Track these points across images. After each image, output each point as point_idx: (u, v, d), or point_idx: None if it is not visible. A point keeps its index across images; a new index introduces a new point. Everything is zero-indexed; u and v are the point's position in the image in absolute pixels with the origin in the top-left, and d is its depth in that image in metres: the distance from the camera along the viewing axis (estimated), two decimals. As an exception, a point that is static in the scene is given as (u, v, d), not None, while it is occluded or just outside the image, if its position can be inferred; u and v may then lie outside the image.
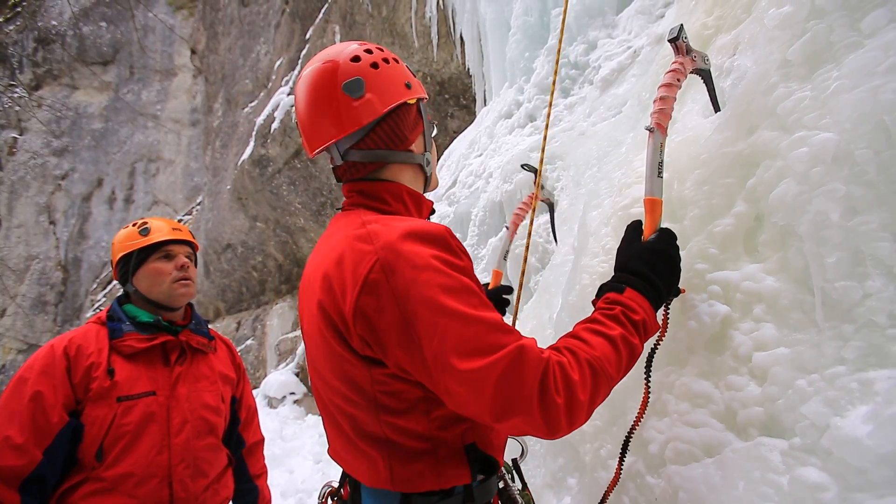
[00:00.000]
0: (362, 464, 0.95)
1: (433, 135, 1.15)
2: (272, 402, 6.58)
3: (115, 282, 16.89)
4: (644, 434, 1.21)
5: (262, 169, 8.13)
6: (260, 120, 8.02)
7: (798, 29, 1.11)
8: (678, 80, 1.23)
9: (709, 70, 1.35)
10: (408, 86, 1.02)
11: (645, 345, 0.99)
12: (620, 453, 1.11)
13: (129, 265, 1.63)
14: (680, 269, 1.08)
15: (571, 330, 0.97)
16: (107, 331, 1.52)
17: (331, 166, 1.08)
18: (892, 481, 0.69)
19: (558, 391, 0.78)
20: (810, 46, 1.08)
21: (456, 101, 6.13)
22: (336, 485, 1.16)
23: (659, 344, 1.12)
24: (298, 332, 7.41)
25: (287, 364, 7.10)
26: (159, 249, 1.62)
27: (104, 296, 17.12)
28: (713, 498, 0.95)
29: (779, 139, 1.08)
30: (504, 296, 1.67)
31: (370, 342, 0.84)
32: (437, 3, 5.42)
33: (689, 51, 1.26)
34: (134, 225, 1.69)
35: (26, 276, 19.69)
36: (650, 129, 1.18)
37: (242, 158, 8.48)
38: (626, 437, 1.11)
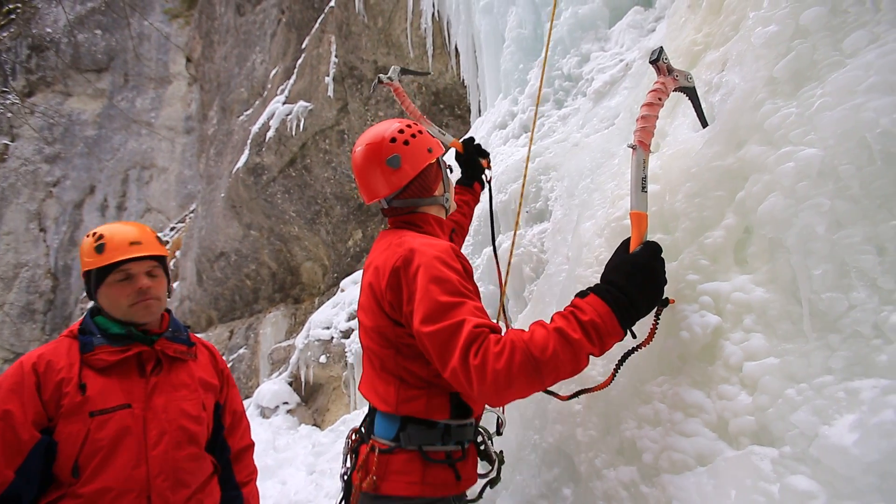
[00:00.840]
0: (382, 391, 1.35)
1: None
2: (265, 412, 6.52)
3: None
4: (638, 444, 1.22)
5: (257, 177, 8.13)
6: (255, 128, 8.03)
7: (783, 48, 1.15)
8: (660, 99, 1.27)
9: (693, 88, 1.39)
10: (429, 150, 1.45)
11: (625, 345, 1.18)
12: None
13: (90, 281, 1.57)
14: (661, 280, 1.14)
15: None
16: (78, 344, 1.48)
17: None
18: (878, 488, 0.71)
19: (476, 355, 1.07)
20: (795, 65, 1.11)
21: (451, 111, 6.19)
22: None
23: (640, 348, 1.19)
24: (292, 341, 7.36)
25: (280, 373, 7.05)
26: (116, 270, 1.53)
27: (94, 304, 16.96)
28: (706, 507, 0.96)
29: (766, 154, 1.11)
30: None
31: (395, 307, 1.27)
32: (433, 14, 5.49)
33: (670, 71, 1.31)
34: (93, 235, 1.58)
35: (14, 283, 19.44)
36: (633, 147, 1.23)
37: (237, 166, 8.48)
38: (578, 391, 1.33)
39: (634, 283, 1.09)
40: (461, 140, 2.14)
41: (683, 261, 1.28)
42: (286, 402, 6.54)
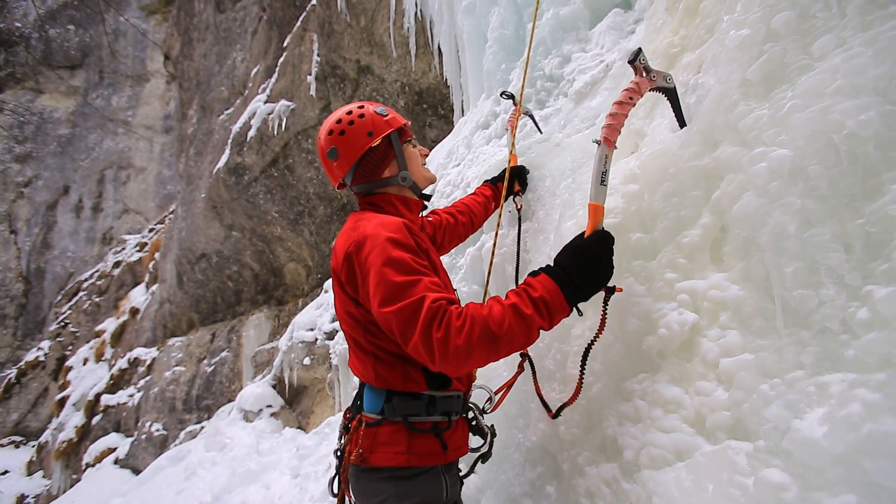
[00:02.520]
0: (361, 368, 1.42)
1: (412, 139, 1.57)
2: (248, 416, 6.42)
3: (80, 293, 16.23)
4: (619, 440, 1.24)
5: (239, 177, 7.99)
6: (236, 127, 7.90)
7: (756, 50, 1.18)
8: (631, 98, 1.31)
9: (673, 88, 1.41)
10: (370, 134, 1.44)
11: (585, 340, 1.30)
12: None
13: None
14: (605, 265, 1.21)
15: None
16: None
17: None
18: (846, 479, 0.73)
19: (438, 328, 1.11)
20: (767, 67, 1.14)
21: (434, 111, 6.18)
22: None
23: (595, 340, 1.30)
24: (275, 343, 7.26)
25: (264, 376, 6.95)
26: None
27: (69, 308, 16.44)
28: (685, 501, 0.98)
29: (740, 154, 1.14)
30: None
31: (354, 289, 1.31)
32: (416, 14, 5.47)
33: (647, 71, 1.34)
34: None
35: (-16, 288, 18.79)
36: (597, 142, 1.28)
37: (218, 166, 8.33)
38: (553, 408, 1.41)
39: (578, 265, 1.18)
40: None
41: (662, 259, 1.30)
42: (270, 406, 6.46)
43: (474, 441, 1.54)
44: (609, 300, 1.26)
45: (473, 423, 1.50)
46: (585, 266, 1.18)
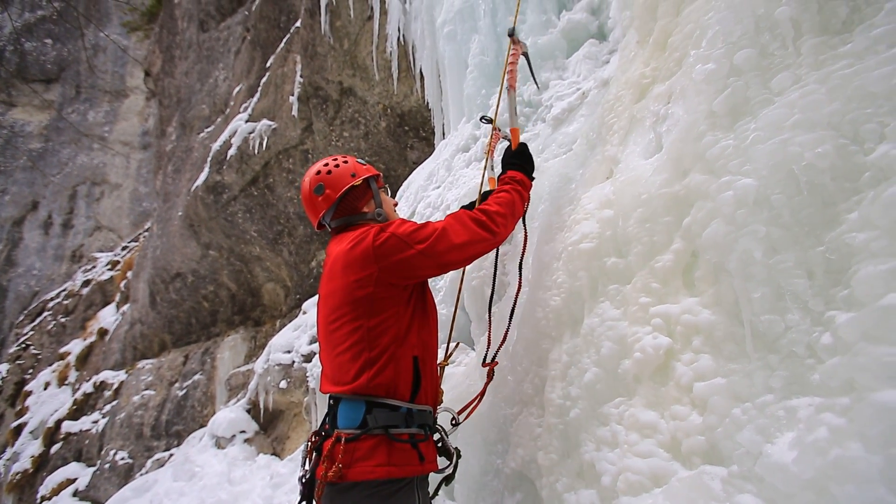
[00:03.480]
0: (346, 375, 1.46)
1: (383, 187, 1.81)
2: (220, 443, 6.16)
3: (45, 313, 15.51)
4: (597, 466, 1.23)
5: (217, 195, 7.87)
6: (216, 146, 7.82)
7: (721, 84, 1.24)
8: (515, 57, 2.10)
9: (527, 53, 2.23)
10: (353, 175, 1.68)
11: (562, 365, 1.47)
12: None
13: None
14: (530, 156, 1.92)
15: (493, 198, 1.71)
16: None
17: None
18: (815, 505, 0.74)
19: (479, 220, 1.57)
20: (731, 100, 1.20)
21: (416, 133, 6.25)
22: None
23: (523, 255, 1.90)
24: (251, 366, 7.05)
25: (238, 400, 6.71)
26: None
27: (32, 329, 15.71)
28: (661, 528, 0.97)
29: (708, 182, 1.18)
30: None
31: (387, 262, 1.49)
32: (398, 38, 5.58)
33: (517, 42, 2.10)
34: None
35: (-59, 307, 17.85)
36: (508, 88, 2.09)
37: (196, 184, 8.19)
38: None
39: (522, 160, 1.87)
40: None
41: (636, 284, 1.33)
42: (244, 431, 6.22)
43: (440, 462, 1.55)
44: (530, 188, 1.87)
45: (440, 444, 1.56)
46: (525, 160, 1.88)
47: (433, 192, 3.36)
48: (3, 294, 18.11)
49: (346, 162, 1.71)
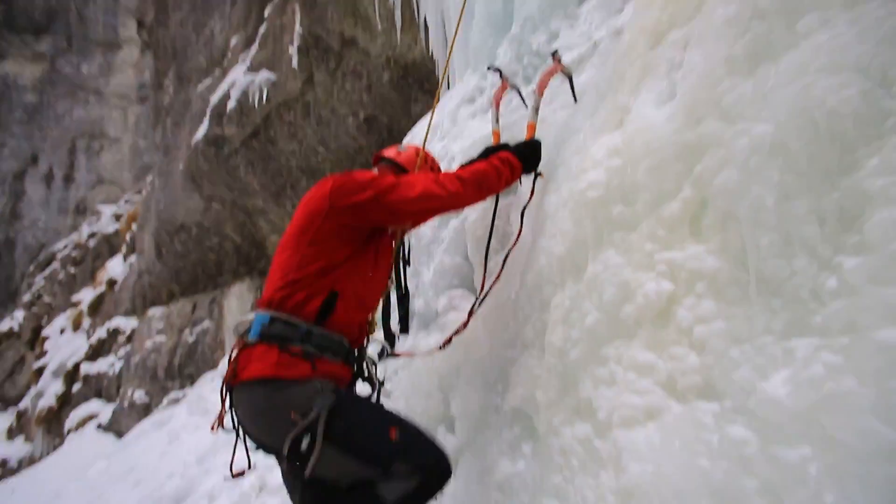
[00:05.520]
0: (266, 297, 1.61)
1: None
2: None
3: (54, 264, 15.73)
4: (594, 402, 1.29)
5: (218, 149, 7.77)
6: (215, 98, 7.63)
7: (742, 28, 1.19)
8: (553, 73, 2.27)
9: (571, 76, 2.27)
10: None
11: (564, 309, 1.53)
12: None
13: None
14: (538, 153, 1.99)
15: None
16: None
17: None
18: (804, 434, 0.78)
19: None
20: (753, 44, 1.16)
21: (420, 86, 6.08)
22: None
23: (527, 203, 2.04)
24: (257, 318, 7.18)
25: (245, 350, 6.91)
26: None
27: (43, 278, 15.97)
28: (653, 457, 1.03)
29: (723, 130, 1.16)
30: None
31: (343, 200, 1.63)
32: (403, -16, 5.31)
33: (560, 61, 2.25)
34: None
35: (-50, 259, 18.09)
36: (537, 92, 2.23)
37: (196, 138, 8.06)
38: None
39: (526, 149, 1.95)
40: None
41: (642, 231, 1.33)
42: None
43: (365, 389, 1.74)
44: (536, 179, 2.00)
45: (366, 375, 1.71)
46: (531, 151, 1.95)
47: (438, 143, 3.31)
48: (12, 246, 18.30)
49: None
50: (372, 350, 1.84)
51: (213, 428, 1.64)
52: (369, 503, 1.43)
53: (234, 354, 1.56)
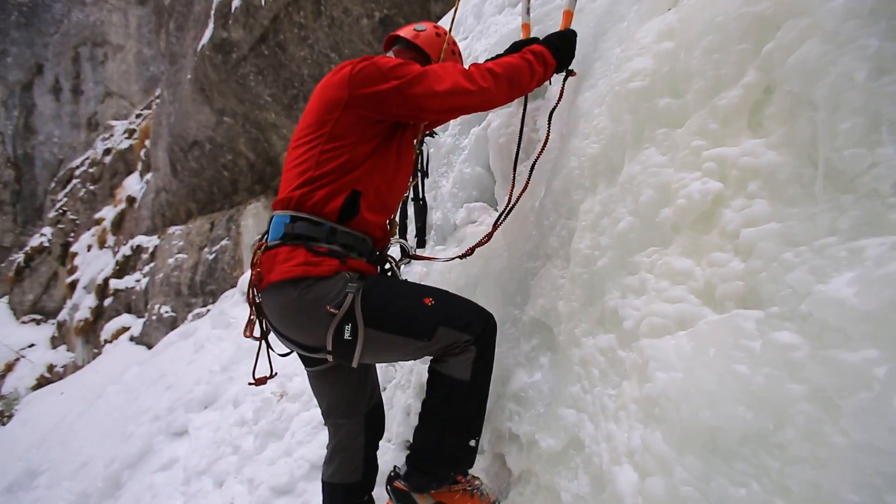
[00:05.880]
0: (285, 196, 1.51)
1: None
2: (251, 301, 6.66)
3: (74, 181, 15.92)
4: (620, 312, 1.22)
5: (226, 55, 7.34)
6: (217, -3, 7.06)
7: None
8: None
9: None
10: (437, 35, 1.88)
11: (594, 215, 1.41)
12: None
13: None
14: (573, 46, 1.79)
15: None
16: None
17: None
18: (871, 335, 0.69)
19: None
20: None
21: (441, -20, 5.47)
22: None
23: (556, 105, 1.83)
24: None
25: (264, 265, 7.08)
26: None
27: (65, 195, 16.28)
28: (683, 365, 0.97)
29: (809, -7, 0.95)
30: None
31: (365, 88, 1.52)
32: None
33: None
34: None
35: (-26, 173, 18.40)
36: None
37: (202, 43, 7.60)
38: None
39: (560, 41, 1.74)
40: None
41: (690, 126, 1.17)
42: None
43: None
44: (567, 78, 1.82)
45: (389, 272, 1.68)
46: (564, 43, 1.74)
47: (461, 42, 3.01)
48: (31, 161, 18.45)
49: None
50: (393, 252, 1.80)
51: (246, 333, 1.63)
52: (445, 389, 1.44)
53: (256, 258, 1.50)
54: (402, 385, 2.37)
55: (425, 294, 1.48)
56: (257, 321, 1.60)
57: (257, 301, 1.53)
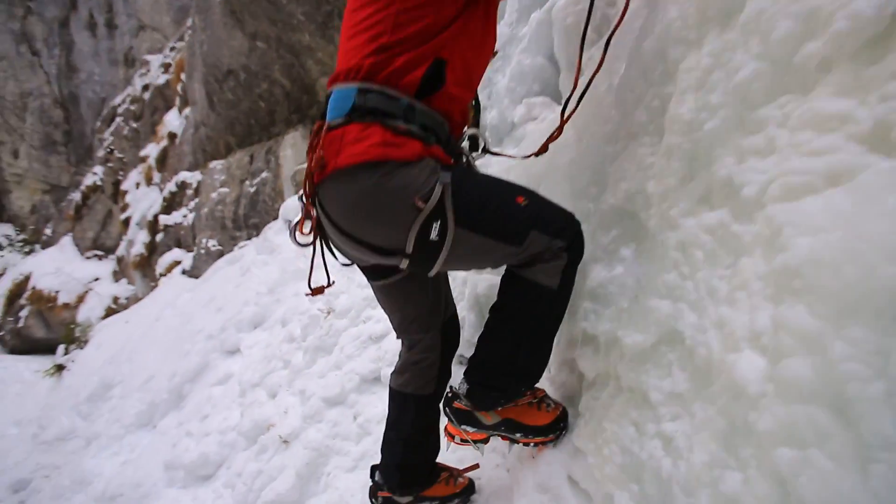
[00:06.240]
0: (353, 60, 1.27)
1: None
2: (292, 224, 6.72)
3: (117, 119, 16.26)
4: (736, 179, 1.01)
5: (253, -27, 6.94)
6: None
7: None
8: None
9: None
10: None
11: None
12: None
13: None
14: None
15: None
16: None
17: None
18: None
19: None
20: None
21: None
22: None
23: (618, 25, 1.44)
24: (312, 165, 7.14)
25: (303, 195, 7.06)
26: None
27: (111, 134, 16.72)
28: (839, 224, 0.77)
29: None
30: None
31: None
32: None
33: None
34: None
35: (26, 114, 19.09)
36: None
37: (228, -39, 7.19)
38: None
39: None
40: None
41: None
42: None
43: None
44: None
45: (465, 164, 1.45)
46: None
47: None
48: (76, 101, 18.91)
49: None
50: (464, 146, 1.56)
51: (301, 230, 1.42)
52: (529, 297, 1.27)
53: (316, 142, 1.24)
54: (455, 297, 2.27)
55: (518, 192, 1.27)
56: (314, 219, 1.34)
57: (315, 195, 1.27)
